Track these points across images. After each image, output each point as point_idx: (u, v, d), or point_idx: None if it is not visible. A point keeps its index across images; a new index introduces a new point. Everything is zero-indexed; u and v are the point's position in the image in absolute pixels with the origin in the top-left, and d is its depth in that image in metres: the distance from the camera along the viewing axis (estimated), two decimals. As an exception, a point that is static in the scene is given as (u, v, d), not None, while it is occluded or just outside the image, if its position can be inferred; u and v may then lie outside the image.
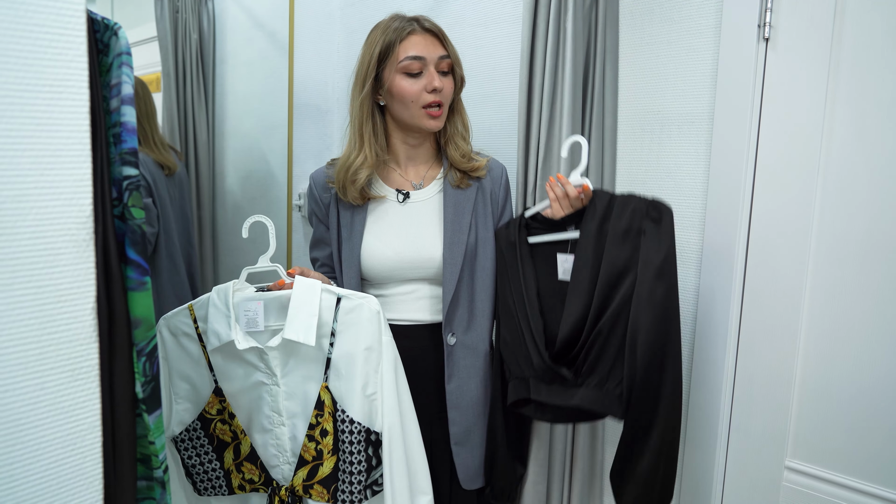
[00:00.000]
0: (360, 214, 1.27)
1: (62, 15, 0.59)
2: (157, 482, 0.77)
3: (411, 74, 1.20)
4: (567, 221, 1.19)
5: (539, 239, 1.23)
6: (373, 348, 1.07)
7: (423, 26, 1.22)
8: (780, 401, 1.19)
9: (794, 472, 1.19)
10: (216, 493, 1.19)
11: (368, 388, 1.08)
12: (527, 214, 1.24)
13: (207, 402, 1.14)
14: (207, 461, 1.17)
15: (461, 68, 1.26)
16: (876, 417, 1.10)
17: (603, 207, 1.12)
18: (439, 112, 1.22)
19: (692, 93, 1.26)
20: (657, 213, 1.07)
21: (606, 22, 1.29)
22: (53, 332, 0.62)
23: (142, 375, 0.73)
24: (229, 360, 1.12)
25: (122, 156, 0.71)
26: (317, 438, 1.09)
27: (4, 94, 0.56)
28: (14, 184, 0.57)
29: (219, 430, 1.16)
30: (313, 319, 1.05)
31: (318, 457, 1.10)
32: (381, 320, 1.07)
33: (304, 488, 1.12)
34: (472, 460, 1.27)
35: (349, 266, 1.26)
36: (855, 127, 1.09)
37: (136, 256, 0.71)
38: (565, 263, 1.20)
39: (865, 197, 1.09)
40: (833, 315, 1.14)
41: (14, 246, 0.58)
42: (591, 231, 1.12)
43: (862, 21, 1.07)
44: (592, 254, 1.11)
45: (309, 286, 1.08)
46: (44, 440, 0.62)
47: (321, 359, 1.09)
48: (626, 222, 1.09)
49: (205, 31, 1.68)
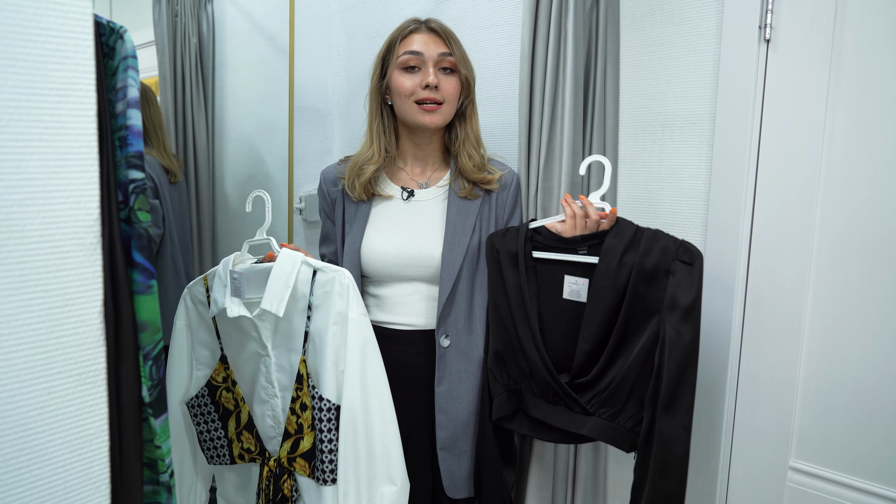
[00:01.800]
0: (364, 210, 1.28)
1: (69, 19, 0.59)
2: (163, 486, 0.77)
3: (408, 69, 1.21)
4: (576, 241, 1.17)
5: (547, 255, 1.20)
6: (339, 323, 1.05)
7: (427, 26, 1.23)
8: (784, 401, 1.19)
9: (798, 473, 1.19)
10: (220, 461, 1.22)
11: (340, 363, 1.05)
12: (532, 226, 1.22)
13: (215, 369, 1.17)
14: (214, 429, 1.20)
15: (468, 69, 1.24)
16: (879, 417, 1.10)
17: (628, 238, 1.10)
18: (434, 108, 1.21)
19: (694, 94, 1.26)
20: (689, 258, 1.05)
21: (608, 24, 1.30)
22: (61, 336, 0.61)
23: (148, 379, 0.73)
24: (233, 330, 1.15)
25: (128, 159, 0.71)
26: (297, 412, 1.09)
27: (12, 97, 0.56)
28: (22, 187, 0.57)
29: (224, 398, 1.18)
30: (286, 291, 1.05)
31: (300, 430, 1.09)
32: (349, 294, 1.05)
33: (288, 461, 1.12)
34: (459, 468, 1.25)
35: (350, 260, 1.26)
36: (856, 127, 1.10)
37: (143, 260, 0.71)
38: (574, 285, 1.18)
39: (867, 197, 1.09)
40: (836, 315, 1.14)
41: (22, 249, 0.58)
42: (613, 260, 1.10)
43: (862, 22, 1.08)
44: (612, 284, 1.10)
45: (289, 258, 1.08)
46: (51, 445, 0.62)
47: (301, 332, 1.09)
48: (654, 259, 1.07)
49: (204, 35, 1.68)
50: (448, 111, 1.24)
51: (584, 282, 1.16)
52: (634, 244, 1.10)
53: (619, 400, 1.10)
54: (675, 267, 1.05)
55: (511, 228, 1.24)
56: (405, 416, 1.25)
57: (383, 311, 1.27)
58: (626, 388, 1.09)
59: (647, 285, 1.08)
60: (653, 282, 1.07)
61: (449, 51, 1.22)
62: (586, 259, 1.16)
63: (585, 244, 1.16)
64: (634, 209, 1.35)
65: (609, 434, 1.11)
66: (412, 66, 1.21)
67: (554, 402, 1.16)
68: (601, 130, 1.32)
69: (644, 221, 1.33)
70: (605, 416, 1.12)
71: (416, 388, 1.26)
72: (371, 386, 1.06)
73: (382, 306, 1.27)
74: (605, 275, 1.11)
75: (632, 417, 1.10)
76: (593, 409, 1.12)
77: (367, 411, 1.05)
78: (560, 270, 1.19)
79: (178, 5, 1.59)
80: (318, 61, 1.95)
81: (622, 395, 1.10)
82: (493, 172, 1.29)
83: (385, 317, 1.27)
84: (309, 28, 1.91)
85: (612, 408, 1.11)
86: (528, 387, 1.20)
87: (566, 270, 1.19)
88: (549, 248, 1.20)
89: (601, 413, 1.12)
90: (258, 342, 1.11)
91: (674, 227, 1.30)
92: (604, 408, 1.12)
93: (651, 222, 1.33)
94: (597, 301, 1.12)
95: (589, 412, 1.13)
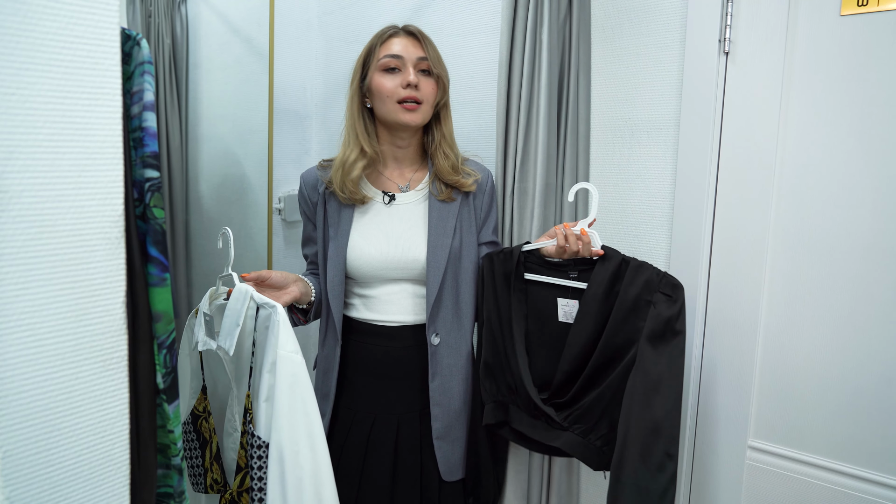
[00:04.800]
0: (346, 214, 1.31)
1: (99, 27, 0.63)
2: (174, 469, 0.81)
3: (389, 70, 1.26)
4: (568, 265, 1.22)
5: (538, 278, 1.26)
6: (273, 360, 1.02)
7: (406, 31, 1.29)
8: (743, 386, 1.29)
9: (756, 451, 1.29)
10: (199, 489, 1.24)
11: (271, 400, 1.03)
12: (525, 248, 1.26)
13: (197, 398, 1.19)
14: (195, 456, 1.22)
15: (442, 71, 1.30)
16: (827, 398, 1.21)
17: (613, 268, 1.15)
18: (415, 107, 1.26)
19: (660, 101, 1.35)
20: (672, 292, 1.09)
21: (580, 35, 1.38)
22: (88, 325, 0.65)
23: (162, 367, 0.77)
24: (212, 363, 1.19)
25: (144, 159, 0.75)
26: (244, 446, 1.09)
27: (48, 101, 0.60)
28: (55, 185, 0.61)
29: (203, 428, 1.20)
30: (236, 329, 1.07)
31: (247, 465, 1.08)
32: (279, 331, 1.02)
33: (238, 494, 1.12)
34: (453, 454, 1.32)
35: (335, 264, 1.30)
36: (806, 132, 1.20)
37: (158, 254, 0.75)
38: (566, 307, 1.23)
39: (817, 198, 1.20)
40: (789, 306, 1.24)
41: (54, 243, 0.61)
42: (599, 288, 1.15)
43: (810, 38, 1.18)
44: (597, 312, 1.15)
45: (240, 295, 1.08)
46: (77, 427, 0.66)
47: (248, 367, 1.10)
48: (636, 291, 1.12)
49: (178, 36, 1.68)
50: (427, 110, 1.29)
51: (575, 304, 1.21)
52: (620, 275, 1.15)
53: (592, 418, 1.17)
54: (655, 297, 1.10)
55: (506, 249, 1.28)
56: (396, 407, 1.31)
57: (371, 310, 1.32)
58: (599, 408, 1.16)
59: (627, 315, 1.12)
60: (634, 312, 1.12)
61: (425, 54, 1.27)
62: (577, 285, 1.21)
63: (576, 269, 1.22)
64: (605, 209, 1.43)
65: (579, 450, 1.18)
66: (392, 68, 1.26)
67: (536, 417, 1.24)
68: (574, 135, 1.40)
69: (614, 221, 1.42)
70: (577, 431, 1.19)
71: (406, 381, 1.31)
72: (300, 424, 1.02)
73: (370, 305, 1.32)
74: (591, 301, 1.16)
75: (602, 437, 1.17)
76: (568, 425, 1.20)
77: (295, 451, 1.00)
78: (553, 293, 1.25)
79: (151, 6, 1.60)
80: (296, 64, 1.98)
81: (595, 415, 1.17)
82: (468, 175, 1.34)
83: (373, 315, 1.32)
84: (287, 32, 1.94)
85: (584, 425, 1.18)
86: (514, 400, 1.26)
87: (559, 293, 1.24)
88: (542, 271, 1.26)
89: (574, 429, 1.19)
90: (226, 375, 1.14)
91: (642, 226, 1.39)
92: (577, 424, 1.19)
93: (621, 222, 1.42)
94: (581, 325, 1.17)
95: (564, 427, 1.20)
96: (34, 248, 0.60)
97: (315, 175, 1.37)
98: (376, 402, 1.31)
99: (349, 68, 1.33)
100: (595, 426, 1.17)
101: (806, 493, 1.24)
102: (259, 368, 1.05)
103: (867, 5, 1.13)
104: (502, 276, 1.27)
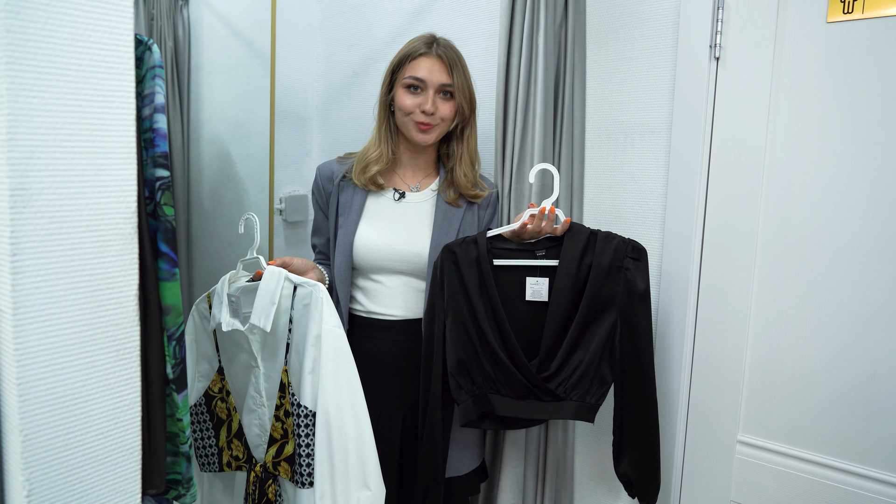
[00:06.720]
0: (357, 205, 1.37)
1: (114, 33, 0.66)
2: (182, 457, 0.84)
3: (411, 88, 1.32)
4: (535, 247, 1.28)
5: (508, 262, 1.29)
6: (317, 334, 1.09)
7: (436, 51, 1.33)
8: (733, 382, 1.32)
9: (745, 446, 1.33)
10: (210, 468, 1.28)
11: (316, 372, 1.10)
12: (489, 234, 1.28)
13: (212, 380, 1.23)
14: (207, 437, 1.26)
15: (465, 98, 1.34)
16: (814, 394, 1.24)
17: (584, 241, 1.23)
18: (428, 127, 1.32)
19: (653, 104, 1.39)
20: (637, 255, 1.22)
21: (575, 40, 1.41)
22: (103, 317, 0.69)
23: (172, 358, 0.80)
24: (229, 344, 1.22)
25: (155, 159, 0.78)
26: (281, 419, 1.16)
27: (66, 103, 0.63)
28: (72, 183, 0.64)
29: (218, 408, 1.25)
30: (272, 307, 1.12)
31: (284, 436, 1.15)
32: (323, 308, 1.09)
33: (272, 465, 1.18)
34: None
35: (342, 251, 1.35)
36: (794, 135, 1.23)
37: (168, 250, 0.79)
38: (535, 286, 1.28)
39: (804, 198, 1.23)
40: (777, 304, 1.27)
41: (72, 238, 0.65)
42: (572, 262, 1.23)
43: (797, 45, 1.22)
44: (573, 284, 1.23)
45: (273, 275, 1.14)
46: (92, 414, 0.69)
47: (284, 344, 1.15)
48: (609, 258, 1.22)
49: (180, 39, 1.71)
50: (441, 129, 1.36)
51: (545, 281, 1.27)
52: (590, 246, 1.23)
53: (586, 383, 1.23)
54: (626, 263, 1.22)
55: (467, 238, 1.28)
56: (401, 400, 1.34)
57: (372, 301, 1.36)
58: (591, 371, 1.23)
59: (603, 281, 1.22)
60: (609, 278, 1.22)
61: (450, 81, 1.32)
62: (548, 262, 1.27)
63: (542, 248, 1.28)
64: (600, 210, 1.47)
65: (582, 412, 1.24)
66: (415, 87, 1.32)
67: (524, 397, 1.26)
68: (569, 137, 1.43)
69: (609, 221, 1.46)
70: (575, 398, 1.24)
71: (409, 374, 1.35)
72: (344, 393, 1.09)
73: (371, 297, 1.37)
74: (566, 275, 1.23)
75: (595, 393, 1.24)
76: (565, 394, 1.24)
77: (340, 418, 1.08)
78: (521, 274, 1.30)
79: (153, 9, 1.63)
80: (297, 67, 2.01)
81: (588, 378, 1.23)
82: (482, 190, 1.41)
83: (373, 307, 1.36)
84: (289, 35, 1.97)
85: (581, 390, 1.23)
86: (495, 388, 1.27)
87: (527, 273, 1.29)
88: (509, 254, 1.29)
89: (573, 396, 1.24)
90: (249, 354, 1.18)
91: (635, 226, 1.43)
92: (575, 391, 1.23)
93: (615, 221, 1.45)
94: (559, 300, 1.23)
95: (561, 397, 1.24)
96: (53, 242, 0.63)
97: (331, 167, 1.43)
98: (382, 396, 1.34)
99: (349, 71, 1.37)
100: (590, 388, 1.24)
101: (794, 487, 1.27)
102: (299, 343, 1.11)
103: (852, 13, 1.16)
104: (468, 263, 1.25)
